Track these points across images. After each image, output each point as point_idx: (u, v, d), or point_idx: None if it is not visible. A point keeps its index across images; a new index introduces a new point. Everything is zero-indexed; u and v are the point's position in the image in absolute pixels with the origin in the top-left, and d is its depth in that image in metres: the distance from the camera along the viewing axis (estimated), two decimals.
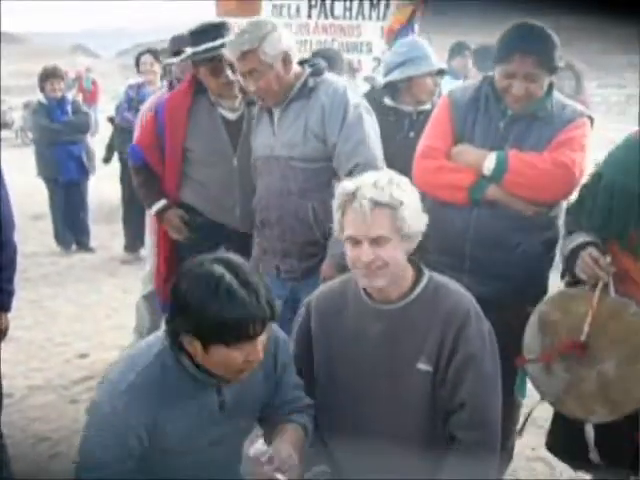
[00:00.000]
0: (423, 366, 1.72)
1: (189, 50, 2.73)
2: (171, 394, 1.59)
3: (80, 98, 10.46)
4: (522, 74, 2.13)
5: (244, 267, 1.54)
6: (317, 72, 2.51)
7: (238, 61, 2.42)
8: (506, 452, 2.44)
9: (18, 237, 3.06)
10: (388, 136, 2.62)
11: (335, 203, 1.74)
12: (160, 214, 2.89)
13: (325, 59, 3.63)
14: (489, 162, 2.17)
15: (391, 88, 2.98)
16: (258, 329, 1.51)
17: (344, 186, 1.72)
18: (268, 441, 1.76)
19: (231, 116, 2.78)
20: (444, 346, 1.71)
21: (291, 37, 2.51)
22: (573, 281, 2.07)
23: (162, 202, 2.87)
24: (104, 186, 7.22)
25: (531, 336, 2.03)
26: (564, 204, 2.30)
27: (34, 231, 6.80)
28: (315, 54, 3.53)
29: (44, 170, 6.12)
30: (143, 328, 3.60)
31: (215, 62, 2.65)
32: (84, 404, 3.26)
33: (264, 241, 2.64)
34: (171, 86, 3.40)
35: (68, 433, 2.98)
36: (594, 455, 1.98)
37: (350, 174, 2.33)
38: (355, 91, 2.71)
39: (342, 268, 2.03)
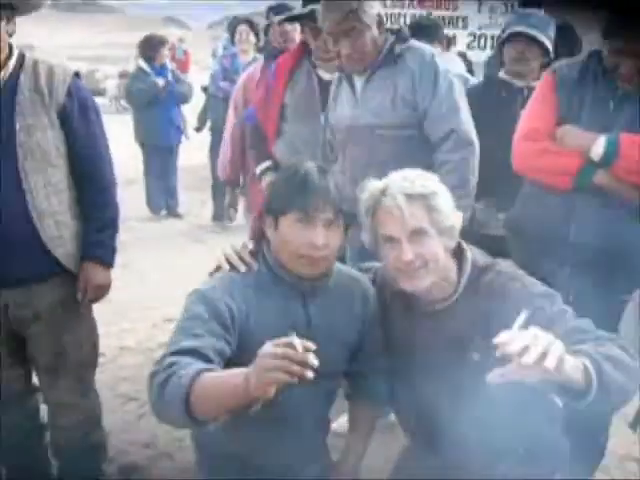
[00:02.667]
0: (475, 355, 1.63)
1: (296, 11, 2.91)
2: (262, 297, 1.65)
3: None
4: (631, 52, 1.98)
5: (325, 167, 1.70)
6: (402, 39, 2.48)
7: (337, 22, 2.37)
8: (598, 449, 2.35)
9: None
10: (500, 114, 2.54)
11: (362, 207, 1.68)
12: (262, 174, 2.99)
13: (423, 28, 3.57)
14: (598, 146, 2.03)
15: (502, 61, 2.88)
16: (317, 207, 1.59)
17: (371, 186, 1.67)
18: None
19: (327, 77, 2.86)
20: (491, 327, 1.43)
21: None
22: None
23: (266, 163, 2.98)
24: (193, 154, 7.38)
25: (629, 325, 1.92)
26: None
27: (125, 196, 7.01)
28: (413, 23, 3.50)
29: (143, 135, 6.31)
30: None
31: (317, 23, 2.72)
32: None
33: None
34: (268, 54, 3.49)
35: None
36: None
37: (444, 140, 2.36)
38: (449, 63, 2.66)
39: None
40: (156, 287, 4.56)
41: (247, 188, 3.58)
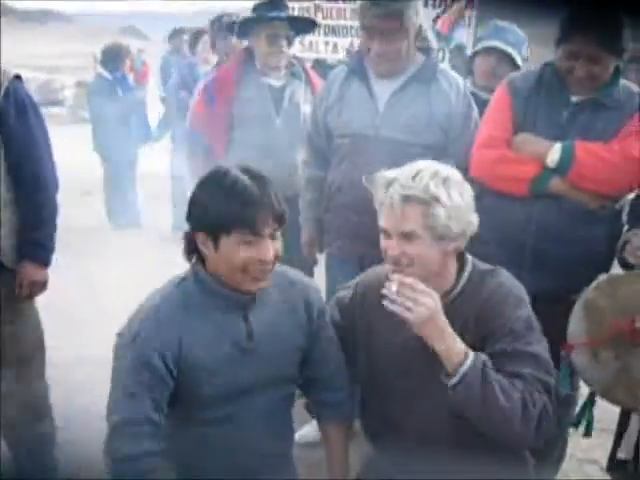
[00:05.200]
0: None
1: (254, 15, 2.97)
2: (195, 317, 1.57)
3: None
4: (585, 55, 2.05)
5: (258, 171, 1.58)
6: (434, 60, 2.54)
7: (380, 18, 2.35)
8: (557, 453, 2.39)
9: (68, 212, 3.10)
10: None
11: (374, 191, 1.67)
12: None
13: None
14: (554, 153, 2.10)
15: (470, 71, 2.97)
16: (264, 223, 1.51)
17: (384, 175, 1.64)
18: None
19: (276, 83, 2.97)
20: (479, 329, 1.62)
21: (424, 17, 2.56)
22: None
23: None
24: (153, 162, 7.31)
25: (576, 324, 1.95)
26: (629, 196, 2.22)
27: (84, 207, 6.92)
28: None
29: (101, 145, 6.24)
30: None
31: (275, 30, 2.90)
32: None
33: (345, 225, 2.54)
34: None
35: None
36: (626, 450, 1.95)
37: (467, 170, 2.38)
38: None
39: None
40: (115, 297, 4.46)
41: None
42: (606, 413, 2.37)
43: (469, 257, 1.71)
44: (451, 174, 1.62)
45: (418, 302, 1.50)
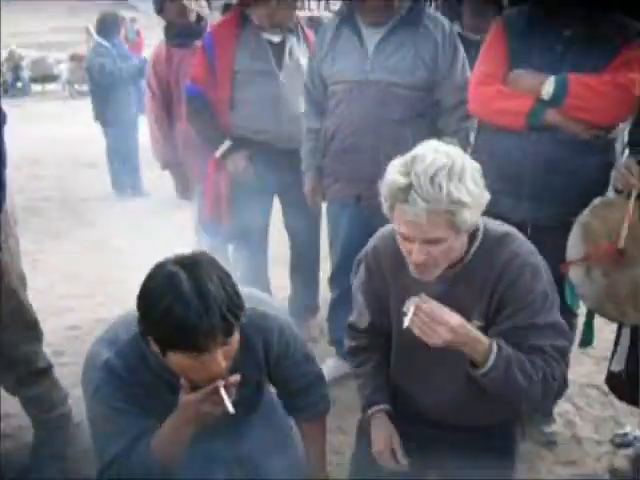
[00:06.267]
0: (477, 322, 1.67)
1: None
2: (141, 390, 1.52)
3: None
4: None
5: (207, 271, 1.37)
6: (420, 4, 2.59)
7: None
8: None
9: (74, 184, 3.12)
10: None
11: (383, 190, 1.55)
12: (225, 155, 2.98)
13: None
14: (548, 86, 2.16)
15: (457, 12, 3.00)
16: (207, 342, 1.34)
17: (394, 179, 1.49)
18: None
19: (275, 39, 2.95)
20: (493, 299, 1.63)
21: None
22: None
23: (226, 144, 2.96)
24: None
25: (573, 245, 2.11)
26: (622, 126, 2.30)
27: (89, 178, 7.01)
28: None
29: (102, 114, 6.21)
30: None
31: None
32: None
33: (342, 168, 2.67)
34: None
35: None
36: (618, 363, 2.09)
37: (456, 109, 2.55)
38: None
39: None
40: (126, 262, 4.56)
41: (180, 167, 3.47)
42: (606, 342, 2.50)
43: (480, 227, 1.65)
44: (460, 161, 1.50)
45: (434, 330, 1.50)
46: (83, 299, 3.95)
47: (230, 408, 1.39)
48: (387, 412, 1.82)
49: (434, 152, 1.50)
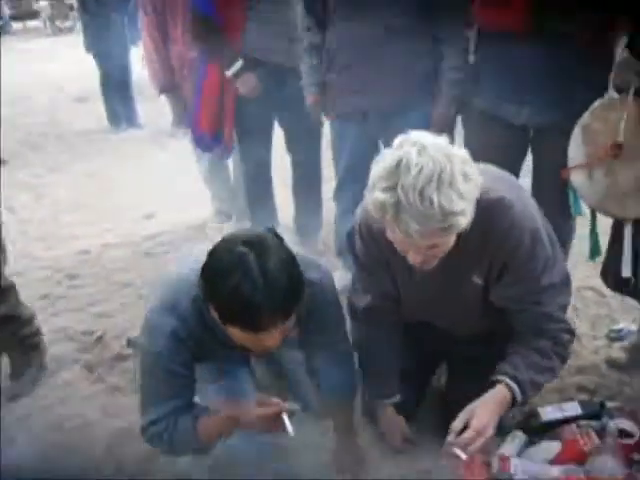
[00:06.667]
0: (477, 279, 1.75)
1: None
2: (197, 347, 1.65)
3: None
4: None
5: (274, 255, 1.41)
6: None
7: None
8: None
9: (66, 117, 3.02)
10: None
11: (368, 204, 1.48)
12: (237, 74, 2.97)
13: None
14: None
15: None
16: (268, 324, 1.41)
17: (379, 198, 1.40)
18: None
19: None
20: (494, 265, 1.70)
21: None
22: None
23: (239, 63, 2.94)
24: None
25: (575, 148, 2.13)
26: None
27: (80, 112, 6.98)
28: None
29: (94, 46, 6.04)
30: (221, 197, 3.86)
31: None
32: (158, 257, 3.51)
33: (348, 83, 2.64)
34: None
35: (149, 279, 3.14)
36: (626, 268, 2.13)
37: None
38: None
39: None
40: (127, 190, 4.59)
41: (177, 91, 3.48)
42: (603, 246, 2.58)
43: None
44: (447, 163, 1.39)
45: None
46: (88, 226, 4.01)
47: (291, 431, 1.54)
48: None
49: (418, 155, 1.38)
